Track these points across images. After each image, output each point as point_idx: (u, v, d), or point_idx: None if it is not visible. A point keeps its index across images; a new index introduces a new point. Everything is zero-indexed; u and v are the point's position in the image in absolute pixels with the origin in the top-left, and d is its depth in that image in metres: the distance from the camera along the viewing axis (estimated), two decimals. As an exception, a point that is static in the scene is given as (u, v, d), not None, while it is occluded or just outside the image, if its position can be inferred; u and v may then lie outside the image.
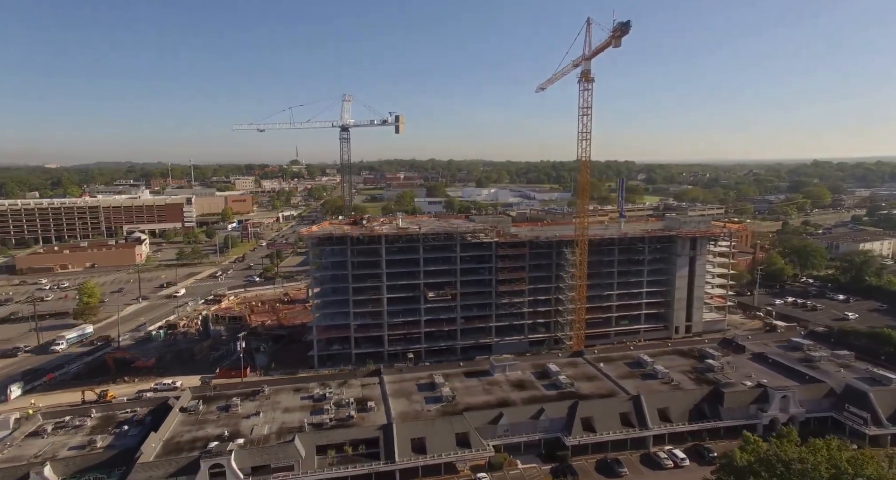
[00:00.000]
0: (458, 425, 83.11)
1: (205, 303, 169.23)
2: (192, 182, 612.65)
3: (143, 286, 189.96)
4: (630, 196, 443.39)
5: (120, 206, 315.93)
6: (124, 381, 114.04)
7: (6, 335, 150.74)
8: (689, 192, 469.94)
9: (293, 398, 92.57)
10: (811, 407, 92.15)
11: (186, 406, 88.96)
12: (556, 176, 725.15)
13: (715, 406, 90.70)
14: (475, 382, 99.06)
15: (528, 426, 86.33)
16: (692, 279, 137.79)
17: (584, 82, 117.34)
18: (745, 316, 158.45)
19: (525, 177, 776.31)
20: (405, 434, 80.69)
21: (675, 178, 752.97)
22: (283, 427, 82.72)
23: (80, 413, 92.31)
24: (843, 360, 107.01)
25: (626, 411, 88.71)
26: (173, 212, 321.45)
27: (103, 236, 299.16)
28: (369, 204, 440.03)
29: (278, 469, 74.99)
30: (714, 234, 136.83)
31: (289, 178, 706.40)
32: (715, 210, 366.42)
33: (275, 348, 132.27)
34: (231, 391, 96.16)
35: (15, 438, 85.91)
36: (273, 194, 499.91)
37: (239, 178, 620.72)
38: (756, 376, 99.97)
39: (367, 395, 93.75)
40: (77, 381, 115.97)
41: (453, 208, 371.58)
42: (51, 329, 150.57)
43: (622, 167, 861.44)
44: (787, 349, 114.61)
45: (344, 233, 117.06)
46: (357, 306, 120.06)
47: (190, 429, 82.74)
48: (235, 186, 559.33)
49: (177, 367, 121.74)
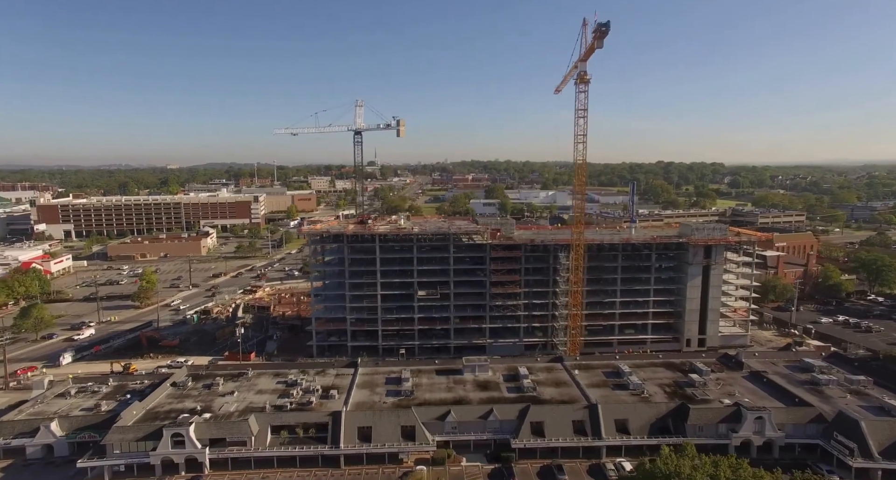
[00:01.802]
0: (404, 417, 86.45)
1: (243, 293, 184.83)
2: (275, 182, 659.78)
3: (198, 275, 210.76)
4: (700, 201, 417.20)
5: (198, 203, 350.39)
6: (150, 357, 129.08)
7: (81, 310, 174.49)
8: (769, 196, 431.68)
9: (270, 382, 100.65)
10: (794, 432, 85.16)
11: (177, 382, 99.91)
12: (629, 179, 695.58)
13: (680, 422, 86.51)
14: (443, 379, 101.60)
15: (477, 425, 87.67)
16: (706, 290, 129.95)
17: (580, 84, 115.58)
18: (779, 333, 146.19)
19: (598, 179, 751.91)
20: (353, 422, 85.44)
21: (766, 182, 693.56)
22: (249, 406, 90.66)
23: (100, 381, 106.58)
24: (857, 386, 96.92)
25: (581, 419, 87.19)
26: (242, 209, 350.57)
27: (183, 230, 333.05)
28: (428, 205, 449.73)
29: (233, 442, 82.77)
30: (729, 242, 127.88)
31: (363, 178, 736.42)
32: (794, 217, 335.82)
33: (287, 336, 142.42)
34: (221, 371, 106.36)
35: (46, 397, 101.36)
36: (340, 194, 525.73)
37: (315, 178, 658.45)
38: (740, 394, 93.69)
39: (335, 384, 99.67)
40: (116, 354, 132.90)
41: (506, 210, 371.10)
42: (113, 309, 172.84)
43: (707, 169, 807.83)
44: (794, 369, 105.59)
45: (340, 231, 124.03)
46: (353, 301, 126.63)
47: (172, 402, 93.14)
48: (311, 185, 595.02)
49: (198, 348, 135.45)
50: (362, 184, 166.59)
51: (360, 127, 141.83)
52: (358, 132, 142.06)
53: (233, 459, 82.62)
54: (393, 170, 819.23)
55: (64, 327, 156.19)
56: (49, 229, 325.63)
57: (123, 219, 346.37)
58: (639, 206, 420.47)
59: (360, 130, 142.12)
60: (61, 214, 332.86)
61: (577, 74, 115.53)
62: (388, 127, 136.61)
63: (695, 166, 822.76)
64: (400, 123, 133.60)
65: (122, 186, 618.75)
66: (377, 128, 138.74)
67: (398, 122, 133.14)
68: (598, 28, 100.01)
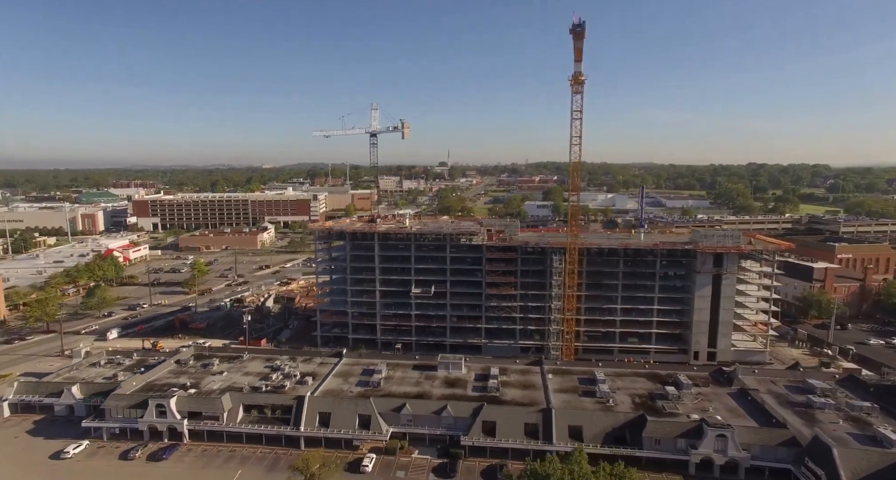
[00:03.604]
0: (362, 407, 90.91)
1: (278, 284, 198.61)
2: (347, 181, 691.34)
3: (247, 267, 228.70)
4: (780, 206, 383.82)
5: (262, 200, 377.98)
6: (178, 337, 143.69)
7: (144, 293, 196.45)
8: (867, 202, 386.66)
9: (258, 366, 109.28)
10: (763, 454, 79.65)
11: (180, 359, 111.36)
12: (710, 181, 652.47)
13: (638, 434, 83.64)
14: (416, 374, 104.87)
15: (432, 420, 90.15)
16: (717, 301, 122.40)
17: (574, 85, 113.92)
18: (810, 352, 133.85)
19: (675, 182, 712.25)
20: (315, 407, 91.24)
21: (876, 185, 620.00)
22: (231, 385, 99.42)
23: (126, 355, 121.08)
24: (859, 412, 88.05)
25: (534, 422, 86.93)
26: (303, 206, 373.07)
27: (249, 225, 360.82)
28: (486, 206, 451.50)
29: (208, 416, 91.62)
30: (740, 250, 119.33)
31: (431, 178, 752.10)
32: (889, 226, 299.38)
33: (302, 326, 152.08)
34: (221, 353, 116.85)
35: (81, 365, 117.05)
36: (401, 193, 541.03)
37: (385, 178, 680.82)
38: (714, 411, 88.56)
39: (315, 371, 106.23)
40: (154, 333, 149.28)
41: (559, 213, 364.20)
42: (168, 294, 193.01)
43: (805, 172, 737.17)
44: (793, 390, 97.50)
45: (343, 229, 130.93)
46: (354, 295, 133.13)
47: (170, 377, 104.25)
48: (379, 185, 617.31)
49: (222, 332, 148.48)
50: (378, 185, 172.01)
51: (375, 129, 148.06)
52: (373, 134, 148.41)
53: (208, 431, 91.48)
54: (462, 171, 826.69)
55: (122, 306, 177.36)
56: (140, 221, 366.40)
57: (199, 214, 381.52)
58: (709, 210, 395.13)
59: (375, 133, 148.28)
60: (150, 208, 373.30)
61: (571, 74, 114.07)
62: (395, 129, 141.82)
63: (791, 169, 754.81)
64: (404, 126, 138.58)
65: (213, 184, 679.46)
66: (387, 130, 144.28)
67: (402, 123, 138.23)
68: (573, 29, 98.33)
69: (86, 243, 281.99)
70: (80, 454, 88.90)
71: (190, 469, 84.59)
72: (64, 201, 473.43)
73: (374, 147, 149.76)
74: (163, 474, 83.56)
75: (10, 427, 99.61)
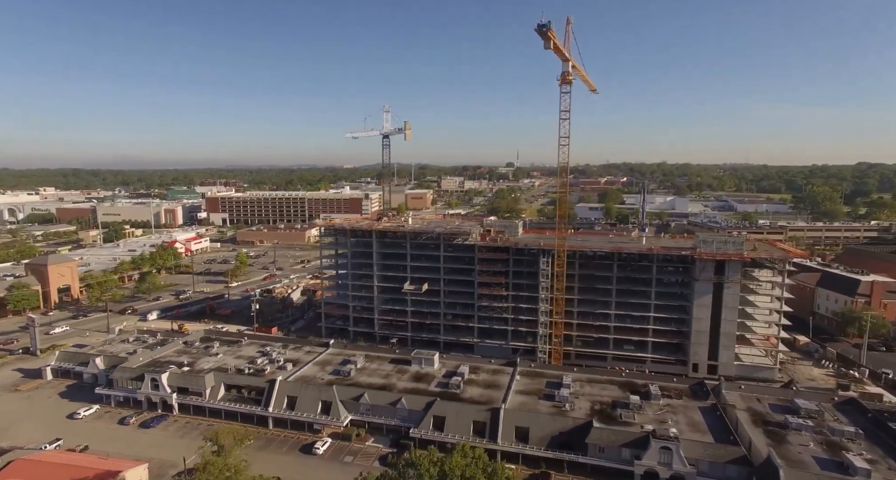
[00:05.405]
0: (325, 393, 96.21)
1: (310, 277, 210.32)
2: (412, 180, 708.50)
3: (288, 261, 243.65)
4: (874, 211, 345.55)
5: (317, 199, 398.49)
6: (205, 322, 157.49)
7: (190, 281, 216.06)
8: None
9: (251, 350, 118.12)
10: (712, 471, 75.65)
11: (188, 341, 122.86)
12: (800, 184, 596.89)
13: (582, 441, 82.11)
14: (389, 367, 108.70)
15: (387, 411, 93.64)
16: (719, 311, 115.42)
17: (562, 85, 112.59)
18: (835, 371, 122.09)
19: (758, 184, 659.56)
20: (284, 390, 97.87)
21: None
22: (220, 366, 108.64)
23: (152, 334, 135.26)
24: (839, 437, 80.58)
25: (482, 420, 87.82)
26: (355, 205, 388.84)
27: (304, 222, 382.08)
28: (543, 207, 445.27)
29: (193, 392, 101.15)
30: (742, 258, 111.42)
31: (495, 179, 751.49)
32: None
33: (314, 317, 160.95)
34: (225, 337, 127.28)
35: (113, 340, 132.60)
36: (458, 193, 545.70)
37: (447, 178, 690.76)
38: (672, 423, 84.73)
39: (300, 359, 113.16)
40: (187, 316, 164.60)
41: (611, 216, 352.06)
42: (214, 283, 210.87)
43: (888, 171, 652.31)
44: (776, 409, 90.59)
45: (343, 226, 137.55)
46: (355, 290, 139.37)
47: (174, 355, 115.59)
48: (441, 185, 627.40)
49: (244, 319, 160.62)
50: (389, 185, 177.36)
51: (387, 131, 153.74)
52: (386, 136, 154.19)
53: (193, 406, 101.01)
54: (527, 172, 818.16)
55: (171, 292, 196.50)
56: (212, 216, 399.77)
57: (262, 210, 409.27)
58: (786, 216, 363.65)
59: (387, 134, 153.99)
60: (220, 205, 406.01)
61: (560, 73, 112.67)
62: (399, 131, 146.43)
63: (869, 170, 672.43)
64: (406, 127, 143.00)
65: (288, 183, 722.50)
66: (395, 132, 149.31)
67: (405, 124, 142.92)
68: (538, 28, 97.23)
69: (160, 235, 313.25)
70: (89, 416, 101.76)
71: (170, 438, 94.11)
72: (156, 197, 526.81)
73: (387, 148, 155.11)
74: (147, 439, 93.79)
75: (48, 389, 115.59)
